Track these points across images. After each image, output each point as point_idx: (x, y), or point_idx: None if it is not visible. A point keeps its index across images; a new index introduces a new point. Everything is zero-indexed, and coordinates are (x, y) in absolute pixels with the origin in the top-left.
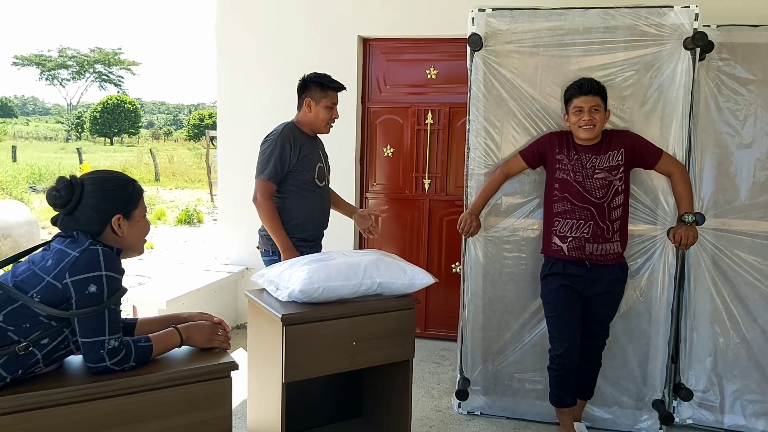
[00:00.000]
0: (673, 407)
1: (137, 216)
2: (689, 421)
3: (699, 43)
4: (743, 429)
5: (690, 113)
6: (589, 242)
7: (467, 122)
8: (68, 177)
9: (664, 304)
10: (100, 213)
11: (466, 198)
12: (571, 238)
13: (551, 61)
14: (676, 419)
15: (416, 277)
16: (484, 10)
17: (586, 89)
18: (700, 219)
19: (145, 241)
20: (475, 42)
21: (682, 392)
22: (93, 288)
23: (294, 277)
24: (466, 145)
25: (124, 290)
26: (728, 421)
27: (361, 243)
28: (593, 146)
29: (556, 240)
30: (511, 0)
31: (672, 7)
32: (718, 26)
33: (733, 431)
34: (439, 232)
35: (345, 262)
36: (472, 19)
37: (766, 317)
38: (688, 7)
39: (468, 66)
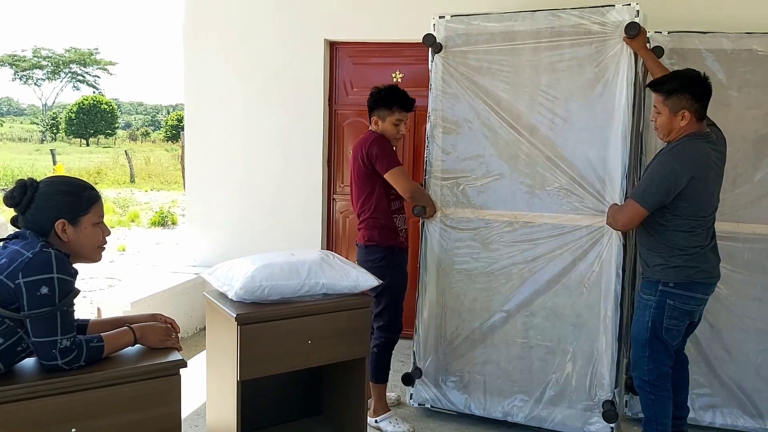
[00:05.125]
0: (626, 401)
1: (86, 223)
2: (641, 414)
3: (632, 33)
4: (692, 422)
5: (634, 106)
6: (407, 232)
7: (427, 118)
8: (25, 179)
9: (612, 298)
10: (45, 216)
11: (426, 188)
12: (404, 230)
13: (503, 61)
14: (629, 413)
15: (360, 279)
16: (443, 17)
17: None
18: None
19: (101, 249)
20: (430, 42)
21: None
22: (44, 290)
23: (237, 275)
24: (426, 140)
25: (77, 291)
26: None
27: (329, 244)
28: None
29: (398, 234)
30: (469, 4)
31: (614, 5)
32: (669, 32)
33: None
34: None
35: (289, 261)
36: (434, 25)
37: (713, 312)
38: (629, 4)
39: (429, 66)
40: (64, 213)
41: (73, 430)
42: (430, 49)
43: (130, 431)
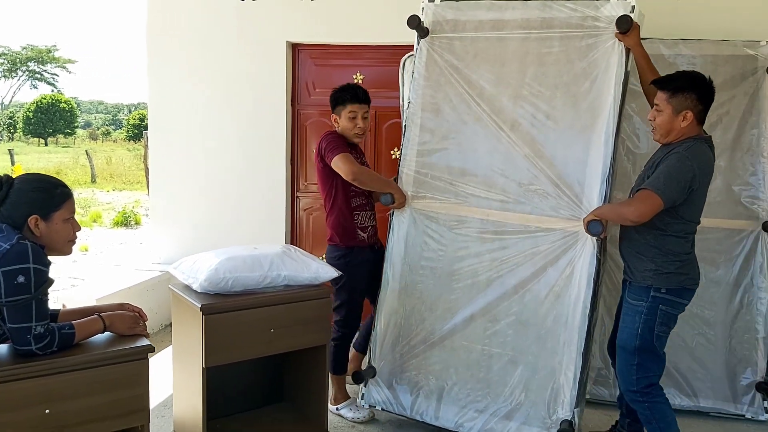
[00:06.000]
0: None
1: (57, 218)
2: (587, 397)
3: (623, 27)
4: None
5: (621, 106)
6: (374, 229)
7: (407, 105)
8: (1, 176)
9: (579, 310)
10: (19, 211)
11: (400, 181)
12: (369, 227)
13: (490, 50)
14: (587, 396)
15: (321, 271)
16: (433, 0)
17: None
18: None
19: (72, 243)
20: (415, 24)
21: None
22: (21, 278)
23: (202, 268)
24: (402, 128)
25: (51, 281)
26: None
27: (293, 242)
28: (358, 145)
29: (359, 232)
30: None
31: None
32: None
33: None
34: None
35: (252, 254)
36: (422, 9)
37: None
38: None
39: (414, 51)
40: (36, 209)
41: (47, 411)
42: (415, 33)
43: (100, 412)
